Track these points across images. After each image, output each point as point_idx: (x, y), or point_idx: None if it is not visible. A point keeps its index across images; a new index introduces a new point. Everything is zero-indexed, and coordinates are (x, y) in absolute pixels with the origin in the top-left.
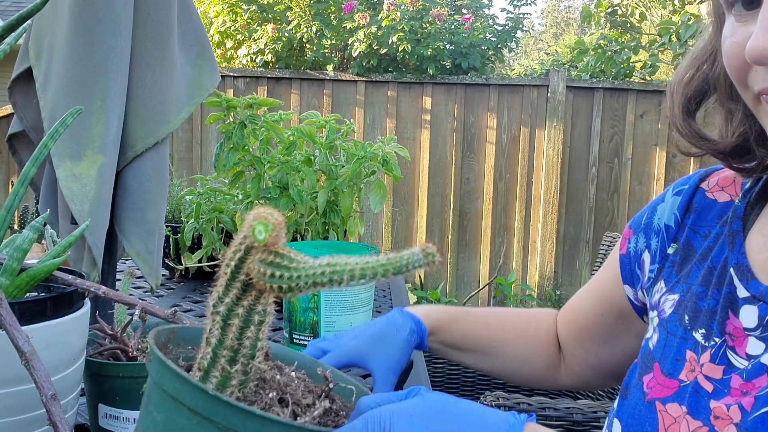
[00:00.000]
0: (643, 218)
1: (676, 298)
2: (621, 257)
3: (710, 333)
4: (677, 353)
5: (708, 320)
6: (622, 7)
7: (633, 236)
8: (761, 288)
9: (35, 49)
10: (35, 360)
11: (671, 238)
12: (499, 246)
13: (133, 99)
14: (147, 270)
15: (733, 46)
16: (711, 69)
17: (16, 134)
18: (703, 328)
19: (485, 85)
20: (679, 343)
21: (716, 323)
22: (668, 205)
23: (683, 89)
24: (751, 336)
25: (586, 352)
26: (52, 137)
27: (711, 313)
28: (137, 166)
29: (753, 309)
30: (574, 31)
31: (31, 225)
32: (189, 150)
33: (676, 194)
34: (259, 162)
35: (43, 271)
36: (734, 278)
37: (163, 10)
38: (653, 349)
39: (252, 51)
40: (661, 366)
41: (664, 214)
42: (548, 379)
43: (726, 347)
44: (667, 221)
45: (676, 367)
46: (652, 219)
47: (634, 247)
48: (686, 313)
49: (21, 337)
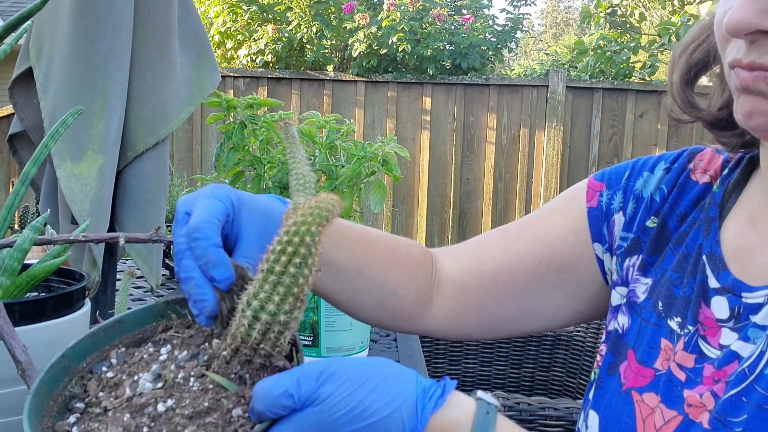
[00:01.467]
0: (623, 177)
1: (650, 283)
2: (590, 210)
3: (685, 321)
4: (651, 341)
5: (683, 308)
6: (621, 8)
7: (607, 191)
8: (729, 279)
9: (36, 50)
10: (31, 370)
11: (653, 212)
12: None
13: (133, 99)
14: (147, 270)
15: (720, 16)
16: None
17: (17, 134)
18: (678, 316)
19: (485, 85)
20: (653, 330)
21: (690, 312)
22: (656, 178)
23: (687, 56)
24: (725, 327)
25: (490, 296)
26: (53, 137)
27: (686, 301)
28: (137, 166)
29: (723, 300)
30: (573, 31)
31: (31, 225)
32: (189, 150)
33: (666, 169)
34: (259, 162)
35: (43, 271)
36: (706, 267)
37: (163, 11)
38: (625, 335)
39: (252, 51)
40: (636, 354)
41: (651, 184)
42: (414, 316)
43: (698, 336)
44: (653, 193)
45: (651, 355)
46: (635, 182)
47: (607, 204)
48: (660, 299)
49: (17, 347)
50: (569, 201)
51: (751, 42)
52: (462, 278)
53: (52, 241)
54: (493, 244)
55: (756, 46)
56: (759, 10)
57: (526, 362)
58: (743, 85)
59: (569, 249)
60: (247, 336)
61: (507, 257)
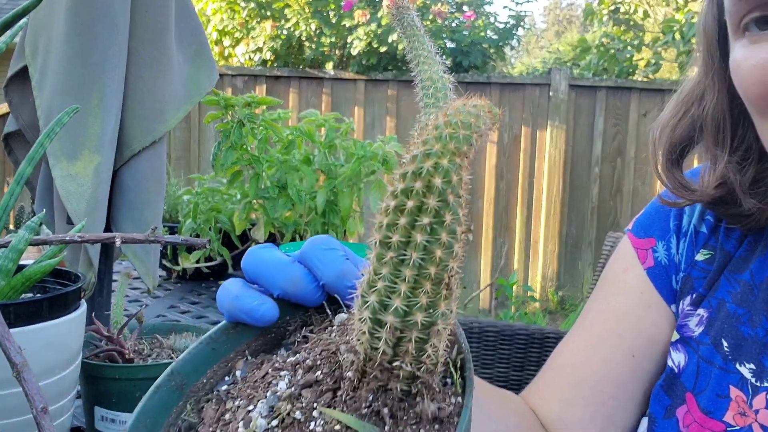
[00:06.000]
0: (670, 220)
1: (704, 315)
2: (650, 271)
3: (763, 371)
4: (718, 387)
5: (757, 353)
6: (624, 5)
7: (660, 243)
8: None
9: (31, 48)
10: (26, 372)
11: (701, 244)
12: (501, 246)
13: (130, 98)
14: (144, 270)
15: (753, 69)
16: (699, 110)
17: (12, 133)
18: (751, 362)
19: (486, 83)
20: (719, 375)
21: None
22: (698, 208)
23: (669, 134)
24: None
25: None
26: (49, 136)
27: (760, 345)
28: (134, 166)
29: None
30: (576, 28)
31: (27, 225)
32: (187, 149)
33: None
34: (258, 161)
35: (38, 272)
36: None
37: (160, 8)
38: (681, 374)
39: (250, 49)
40: (698, 400)
41: (694, 216)
42: None
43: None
44: (696, 225)
45: (719, 405)
46: (681, 221)
47: (666, 255)
48: (724, 338)
49: (13, 348)
50: (623, 274)
51: None
52: (565, 414)
53: (47, 242)
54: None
55: None
56: None
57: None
58: None
59: (651, 327)
60: (372, 350)
61: (600, 369)
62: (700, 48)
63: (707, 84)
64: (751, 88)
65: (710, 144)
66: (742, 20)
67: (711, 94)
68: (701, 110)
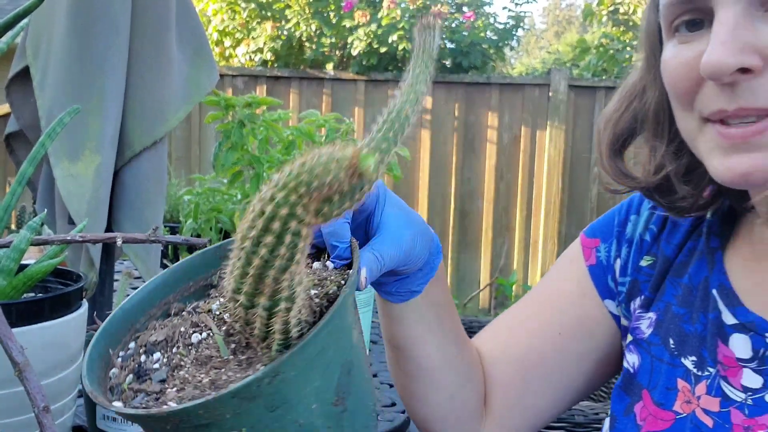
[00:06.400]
0: (614, 225)
1: (653, 317)
2: (591, 268)
3: (703, 362)
4: (667, 381)
5: (697, 347)
6: (624, 6)
7: (603, 244)
8: (751, 317)
9: (32, 48)
10: (28, 371)
11: (645, 251)
12: (500, 246)
13: (130, 98)
14: (145, 270)
15: (680, 66)
16: (640, 104)
17: (14, 133)
18: (693, 355)
19: (486, 84)
20: (668, 370)
21: (707, 350)
22: (643, 218)
23: (612, 126)
24: (747, 368)
25: (524, 385)
26: (50, 136)
27: (699, 339)
28: (135, 166)
29: (744, 339)
30: (575, 29)
31: (28, 225)
32: (187, 149)
33: (651, 209)
34: (258, 161)
35: (40, 272)
36: (718, 302)
37: (161, 9)
38: (637, 374)
39: (251, 49)
40: (652, 395)
41: (639, 225)
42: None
43: (719, 378)
44: (642, 234)
45: (668, 396)
46: (625, 228)
47: (606, 256)
48: (670, 336)
49: (15, 348)
50: (569, 264)
51: (731, 86)
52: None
53: (49, 242)
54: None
55: (739, 90)
56: (739, 48)
57: None
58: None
59: (582, 312)
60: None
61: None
62: (643, 47)
63: (649, 80)
64: (678, 83)
65: (650, 136)
66: (674, 22)
67: (652, 90)
68: (643, 104)
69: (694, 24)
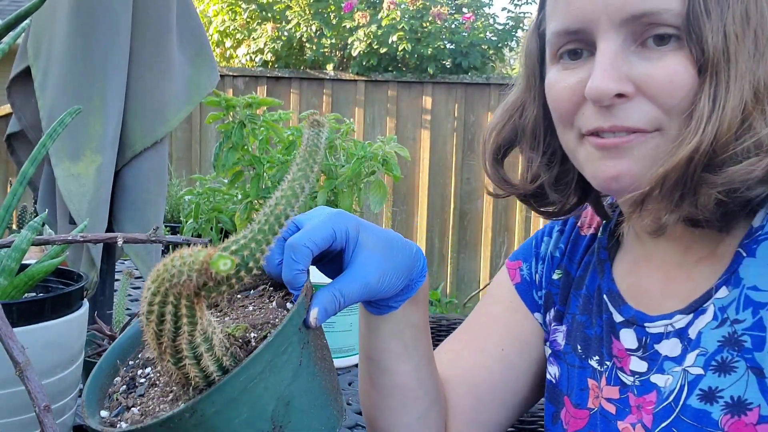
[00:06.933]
0: (532, 248)
1: (565, 330)
2: (517, 286)
3: (602, 359)
4: (580, 383)
5: (598, 347)
6: None
7: (524, 263)
8: (632, 312)
9: (34, 49)
10: (29, 371)
11: (556, 265)
12: (500, 246)
13: (131, 98)
14: (145, 270)
15: (563, 90)
16: (520, 119)
17: (15, 134)
18: (596, 355)
19: (486, 84)
20: (579, 373)
21: (604, 348)
22: (554, 239)
23: (495, 137)
24: (634, 356)
25: (477, 402)
26: (51, 137)
27: (599, 339)
28: (136, 166)
29: (630, 332)
30: None
31: (29, 225)
32: (188, 150)
33: (560, 231)
34: (259, 162)
35: (41, 272)
36: (608, 304)
37: (162, 10)
38: (558, 383)
39: (251, 50)
40: (570, 398)
41: (551, 245)
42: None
43: (615, 368)
44: (552, 251)
45: (582, 396)
46: (540, 248)
47: (528, 273)
48: (578, 342)
49: (16, 347)
50: (498, 288)
51: (607, 107)
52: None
53: (50, 241)
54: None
55: (615, 111)
56: (617, 77)
57: None
58: (606, 148)
59: (518, 328)
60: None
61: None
62: (523, 68)
63: (528, 98)
64: (562, 105)
65: (527, 147)
66: (559, 50)
67: (531, 108)
68: (522, 119)
69: (575, 53)
